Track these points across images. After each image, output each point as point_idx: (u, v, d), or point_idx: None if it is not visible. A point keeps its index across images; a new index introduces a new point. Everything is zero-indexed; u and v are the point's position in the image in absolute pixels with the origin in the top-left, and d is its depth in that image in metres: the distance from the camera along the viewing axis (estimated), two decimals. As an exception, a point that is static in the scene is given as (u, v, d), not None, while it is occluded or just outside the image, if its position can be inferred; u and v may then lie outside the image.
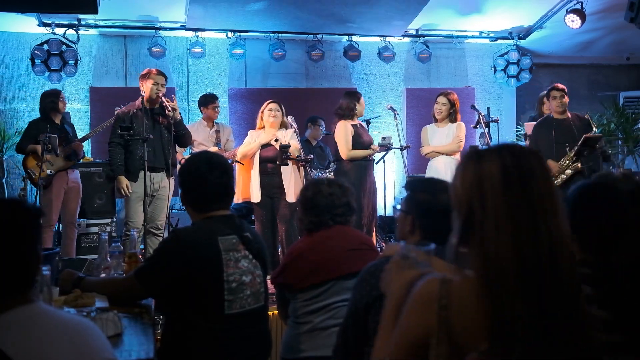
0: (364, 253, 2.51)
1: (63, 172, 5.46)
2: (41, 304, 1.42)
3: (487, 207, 1.19)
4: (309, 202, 2.64)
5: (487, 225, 1.19)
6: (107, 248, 2.78)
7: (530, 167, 1.21)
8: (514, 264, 1.16)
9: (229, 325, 2.29)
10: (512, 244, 1.17)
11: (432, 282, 1.23)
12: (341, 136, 5.41)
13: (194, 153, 2.61)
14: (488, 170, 1.21)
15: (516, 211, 1.18)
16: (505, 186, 1.19)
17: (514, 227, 1.17)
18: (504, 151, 1.23)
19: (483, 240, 1.19)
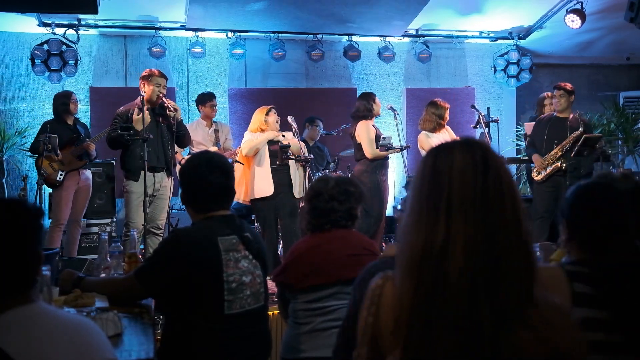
0: (364, 258, 2.49)
1: (75, 172, 5.54)
2: (42, 303, 1.42)
3: (410, 196, 1.23)
4: (311, 201, 2.63)
5: (404, 215, 1.23)
6: (107, 248, 2.78)
7: (448, 166, 1.19)
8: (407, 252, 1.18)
9: (229, 326, 2.29)
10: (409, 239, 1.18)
11: (379, 279, 1.26)
12: (364, 137, 5.44)
13: (195, 153, 2.61)
14: (419, 166, 1.25)
15: (421, 206, 1.19)
16: (419, 181, 1.22)
17: (414, 218, 1.18)
18: (437, 149, 1.25)
19: (401, 229, 1.23)
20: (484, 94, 8.31)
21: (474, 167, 1.17)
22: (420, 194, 1.20)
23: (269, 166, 5.11)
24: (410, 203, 1.21)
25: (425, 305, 1.13)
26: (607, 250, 1.59)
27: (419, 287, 1.13)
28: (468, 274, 1.11)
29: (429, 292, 1.13)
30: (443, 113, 5.64)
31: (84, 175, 5.64)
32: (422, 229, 1.16)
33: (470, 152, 1.19)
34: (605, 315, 1.50)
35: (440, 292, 1.12)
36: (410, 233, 1.18)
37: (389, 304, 1.19)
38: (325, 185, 2.65)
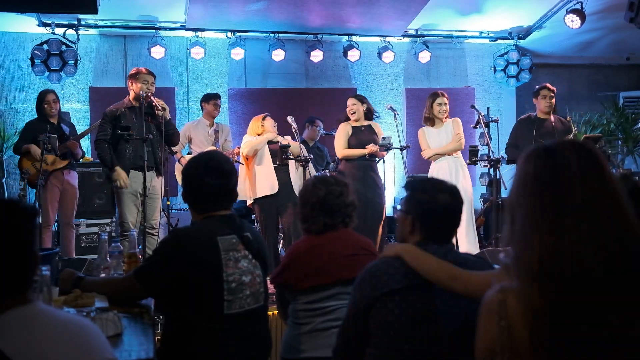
0: (364, 258, 2.48)
1: (58, 172, 5.44)
2: (40, 304, 1.42)
3: (521, 205, 1.21)
4: (321, 202, 2.60)
5: (517, 223, 1.21)
6: (107, 248, 2.78)
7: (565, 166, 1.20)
8: (535, 264, 1.17)
9: (229, 326, 2.29)
10: (535, 245, 1.18)
11: (493, 292, 1.25)
12: (337, 137, 5.49)
13: (197, 154, 2.61)
14: (526, 169, 1.23)
15: (542, 212, 1.18)
16: (536, 186, 1.20)
17: (538, 228, 1.18)
18: (541, 149, 1.23)
19: (514, 237, 1.22)
20: (484, 94, 8.31)
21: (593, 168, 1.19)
22: (539, 199, 1.19)
23: (271, 164, 5.14)
24: (526, 209, 1.20)
25: (566, 310, 1.15)
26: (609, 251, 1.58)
27: (559, 294, 1.15)
28: (602, 276, 1.14)
29: (568, 298, 1.15)
30: (431, 103, 5.57)
31: (68, 176, 5.54)
32: (547, 236, 1.17)
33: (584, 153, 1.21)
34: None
35: (580, 296, 1.14)
36: (537, 240, 1.17)
37: (520, 316, 1.19)
38: (330, 184, 2.64)
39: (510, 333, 1.20)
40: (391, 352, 1.92)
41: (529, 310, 1.17)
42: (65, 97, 7.11)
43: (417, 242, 1.99)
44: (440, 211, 1.99)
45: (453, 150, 5.48)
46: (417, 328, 1.90)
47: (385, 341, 1.93)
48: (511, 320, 1.20)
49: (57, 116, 5.59)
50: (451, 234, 2.05)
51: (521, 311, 1.19)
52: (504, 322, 1.20)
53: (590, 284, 1.15)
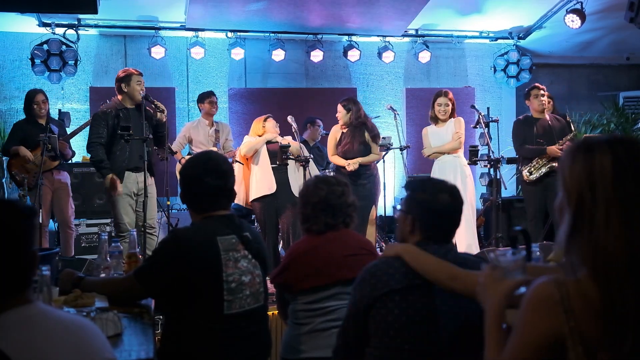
0: (363, 258, 2.49)
1: (48, 173, 5.40)
2: (40, 304, 1.42)
3: (597, 198, 1.20)
4: (323, 201, 2.60)
5: (597, 216, 1.20)
6: (106, 248, 2.78)
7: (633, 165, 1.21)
8: (624, 255, 1.17)
9: (229, 326, 2.29)
10: (622, 236, 1.17)
11: (548, 285, 1.23)
12: (328, 141, 5.58)
13: (195, 154, 2.60)
14: (599, 161, 1.21)
15: (628, 204, 1.18)
16: (618, 178, 1.19)
17: (626, 220, 1.18)
18: (616, 144, 1.23)
19: (592, 231, 1.20)
20: (484, 94, 8.31)
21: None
22: (622, 194, 1.19)
23: (269, 164, 5.14)
24: (605, 203, 1.19)
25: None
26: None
27: (635, 292, 1.16)
28: None
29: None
30: (432, 102, 5.59)
31: (59, 176, 5.51)
32: (622, 234, 1.17)
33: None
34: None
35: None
36: (624, 239, 1.17)
37: (585, 307, 1.19)
38: (331, 184, 2.64)
39: (580, 327, 1.19)
40: (391, 352, 1.92)
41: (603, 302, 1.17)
42: (65, 97, 7.11)
43: (417, 242, 1.99)
44: (440, 211, 1.99)
45: (451, 149, 5.47)
46: (417, 328, 1.90)
47: (385, 341, 1.93)
48: (578, 313, 1.19)
49: (46, 117, 5.53)
50: (451, 234, 2.05)
51: (587, 302, 1.19)
52: (572, 315, 1.19)
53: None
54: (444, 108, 5.52)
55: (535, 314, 1.22)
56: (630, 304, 1.16)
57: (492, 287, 1.37)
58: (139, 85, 4.84)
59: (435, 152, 5.53)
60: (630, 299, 1.16)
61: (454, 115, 5.60)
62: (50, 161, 5.38)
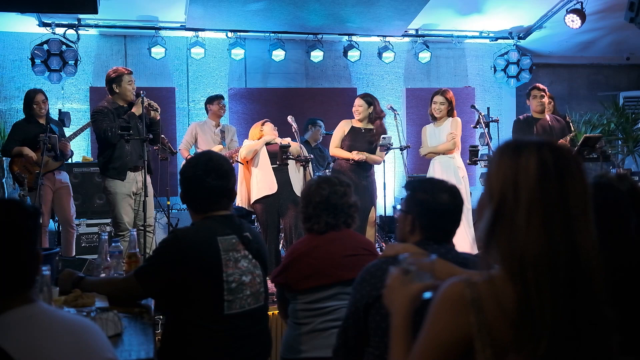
0: (363, 258, 2.49)
1: (49, 173, 5.39)
2: (42, 303, 1.42)
3: (520, 199, 1.19)
4: (324, 201, 2.60)
5: (518, 216, 1.19)
6: (107, 248, 2.78)
7: (568, 166, 1.21)
8: (543, 257, 1.17)
9: (229, 326, 2.29)
10: (543, 238, 1.17)
11: (459, 285, 1.22)
12: (334, 133, 5.54)
13: (195, 154, 2.60)
14: (525, 163, 1.21)
15: (550, 207, 1.18)
16: (541, 181, 1.19)
17: (546, 222, 1.18)
18: (543, 147, 1.23)
19: (512, 231, 1.19)
20: (484, 94, 8.31)
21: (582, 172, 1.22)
22: (544, 197, 1.19)
23: (269, 164, 5.13)
24: (527, 205, 1.19)
25: (562, 312, 1.16)
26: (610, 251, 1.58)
27: (555, 296, 1.16)
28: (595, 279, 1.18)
29: (565, 302, 1.16)
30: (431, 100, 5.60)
31: (59, 176, 5.50)
32: (558, 239, 1.17)
33: (572, 151, 1.25)
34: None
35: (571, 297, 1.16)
36: (544, 242, 1.17)
37: (496, 308, 1.18)
38: (333, 184, 2.64)
39: (490, 328, 1.18)
40: (391, 352, 1.92)
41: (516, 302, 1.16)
42: (66, 97, 7.12)
43: (417, 242, 1.99)
44: (440, 211, 1.99)
45: (445, 150, 5.47)
46: (416, 328, 1.90)
47: (385, 341, 1.92)
48: (489, 314, 1.18)
49: (46, 116, 5.52)
50: (451, 233, 2.05)
51: (499, 303, 1.18)
52: (482, 316, 1.18)
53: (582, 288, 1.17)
54: (439, 106, 5.53)
55: (444, 314, 1.21)
56: (546, 306, 1.15)
57: (398, 290, 1.35)
58: (130, 85, 4.84)
59: (430, 152, 5.55)
60: (547, 301, 1.15)
61: (453, 115, 5.59)
62: (53, 162, 5.37)
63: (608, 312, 1.21)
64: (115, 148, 4.77)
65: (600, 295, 1.20)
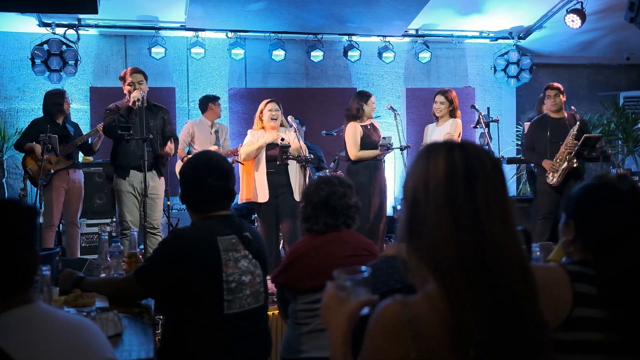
0: (364, 259, 2.48)
1: (63, 172, 5.43)
2: (41, 303, 1.42)
3: (429, 199, 1.20)
4: (323, 202, 2.60)
5: (428, 216, 1.19)
6: (107, 248, 2.78)
7: (480, 168, 1.21)
8: (454, 257, 1.16)
9: (229, 325, 2.29)
10: (451, 240, 1.17)
11: (393, 307, 1.18)
12: (350, 137, 5.45)
13: (195, 154, 2.59)
14: (434, 164, 1.21)
15: (457, 209, 1.18)
16: (449, 183, 1.19)
17: (454, 224, 1.17)
18: (455, 149, 1.23)
19: (425, 231, 1.20)
20: (484, 94, 8.31)
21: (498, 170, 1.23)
22: (451, 196, 1.18)
23: (264, 172, 5.02)
24: (435, 204, 1.19)
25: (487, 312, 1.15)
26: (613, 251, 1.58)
27: (478, 295, 1.15)
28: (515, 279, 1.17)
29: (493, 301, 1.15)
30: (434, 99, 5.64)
31: (74, 175, 5.54)
32: (464, 235, 1.17)
33: (488, 153, 1.25)
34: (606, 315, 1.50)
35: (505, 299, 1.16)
36: (452, 238, 1.17)
37: (433, 323, 1.15)
38: (333, 184, 2.64)
39: (428, 347, 1.14)
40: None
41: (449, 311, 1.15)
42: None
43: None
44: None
45: None
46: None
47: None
48: (425, 332, 1.15)
49: (64, 116, 5.60)
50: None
51: (435, 317, 1.15)
52: (419, 338, 1.14)
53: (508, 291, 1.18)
54: (439, 106, 5.57)
55: (382, 340, 1.17)
56: (467, 306, 1.13)
57: (335, 308, 1.31)
58: (131, 86, 4.89)
59: None
60: (466, 301, 1.14)
61: (456, 116, 5.60)
62: (66, 160, 5.42)
63: (533, 310, 1.19)
64: (120, 146, 4.84)
65: (525, 294, 1.18)
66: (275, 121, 5.07)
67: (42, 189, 5.27)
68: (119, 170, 4.90)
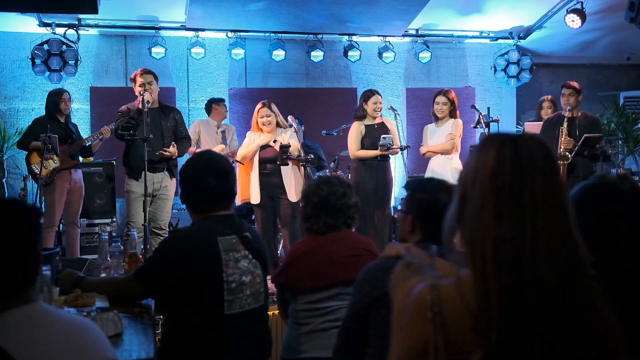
0: (364, 259, 2.48)
1: (66, 172, 5.44)
2: (42, 303, 1.42)
3: (476, 192, 1.21)
4: (323, 202, 2.60)
5: (473, 209, 1.21)
6: (107, 248, 2.78)
7: (528, 164, 1.20)
8: (491, 253, 1.17)
9: (229, 326, 2.29)
10: (491, 234, 1.18)
11: (422, 289, 1.23)
12: (350, 137, 5.52)
13: (195, 154, 2.59)
14: (484, 157, 1.23)
15: (501, 204, 1.18)
16: (495, 178, 1.20)
17: (496, 219, 1.18)
18: (507, 143, 1.23)
19: (467, 220, 1.22)
20: (484, 94, 8.31)
21: (552, 167, 1.21)
22: (498, 187, 1.19)
23: (257, 173, 5.04)
24: (481, 196, 1.20)
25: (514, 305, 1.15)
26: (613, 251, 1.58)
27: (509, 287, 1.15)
28: (554, 276, 1.16)
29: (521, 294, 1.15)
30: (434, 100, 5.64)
31: (75, 175, 5.55)
32: (505, 226, 1.17)
33: (545, 148, 1.23)
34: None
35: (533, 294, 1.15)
36: (492, 228, 1.18)
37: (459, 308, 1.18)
38: (333, 184, 2.64)
39: (447, 330, 1.18)
40: (391, 352, 1.92)
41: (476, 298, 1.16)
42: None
43: (417, 242, 1.99)
44: (440, 211, 1.98)
45: (443, 150, 5.49)
46: None
47: (385, 341, 1.92)
48: (448, 315, 1.18)
49: (66, 115, 5.62)
50: (451, 233, 2.05)
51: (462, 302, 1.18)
52: (438, 319, 1.18)
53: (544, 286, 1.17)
54: (441, 107, 5.57)
55: (410, 319, 1.23)
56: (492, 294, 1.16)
57: (400, 283, 1.37)
58: (141, 87, 4.94)
59: (429, 151, 5.58)
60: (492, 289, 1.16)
61: (456, 116, 5.60)
62: (69, 160, 5.43)
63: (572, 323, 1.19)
64: (132, 148, 4.89)
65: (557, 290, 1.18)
66: (267, 126, 5.07)
67: (43, 189, 5.27)
68: (132, 171, 4.93)
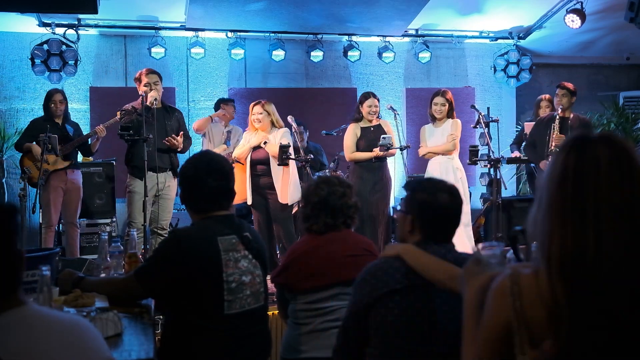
0: (364, 259, 2.48)
1: (61, 172, 5.41)
2: (33, 305, 1.38)
3: (547, 196, 1.27)
4: (323, 202, 2.60)
5: (543, 211, 1.27)
6: (107, 248, 2.78)
7: (592, 170, 1.23)
8: (557, 255, 1.22)
9: (229, 325, 2.29)
10: (555, 240, 1.23)
11: (504, 277, 1.30)
12: (345, 139, 5.53)
13: (196, 154, 2.60)
14: (555, 160, 1.28)
15: (565, 210, 1.23)
16: (560, 181, 1.25)
17: (561, 225, 1.23)
18: (576, 144, 1.27)
19: (540, 222, 1.27)
20: (484, 94, 8.31)
21: (620, 171, 1.23)
22: (563, 194, 1.23)
23: (248, 174, 5.09)
24: (548, 202, 1.25)
25: (581, 306, 1.21)
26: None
27: (574, 291, 1.21)
28: (619, 284, 1.20)
29: (584, 297, 1.20)
30: (431, 100, 5.63)
31: (71, 175, 5.52)
32: (569, 232, 1.22)
33: (615, 152, 1.24)
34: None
35: (596, 298, 1.20)
36: (557, 234, 1.23)
37: (535, 298, 1.24)
38: (332, 184, 2.65)
39: (525, 315, 1.24)
40: (391, 352, 1.92)
41: (549, 293, 1.22)
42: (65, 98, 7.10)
43: (417, 242, 1.99)
44: (439, 211, 1.99)
45: (444, 150, 5.48)
46: (417, 328, 1.90)
47: (385, 341, 1.93)
48: (526, 302, 1.24)
49: (63, 116, 5.58)
50: (451, 233, 2.05)
51: (538, 294, 1.24)
52: (518, 304, 1.24)
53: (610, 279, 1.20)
54: (439, 107, 5.55)
55: (492, 305, 1.30)
56: (560, 295, 1.21)
57: (471, 279, 1.44)
58: (147, 87, 4.97)
59: (429, 152, 5.56)
60: (559, 290, 1.22)
61: (453, 116, 5.60)
62: (62, 161, 5.39)
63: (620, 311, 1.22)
64: (135, 147, 4.89)
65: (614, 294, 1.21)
66: (258, 123, 5.11)
67: (40, 189, 5.27)
68: (136, 171, 4.93)
